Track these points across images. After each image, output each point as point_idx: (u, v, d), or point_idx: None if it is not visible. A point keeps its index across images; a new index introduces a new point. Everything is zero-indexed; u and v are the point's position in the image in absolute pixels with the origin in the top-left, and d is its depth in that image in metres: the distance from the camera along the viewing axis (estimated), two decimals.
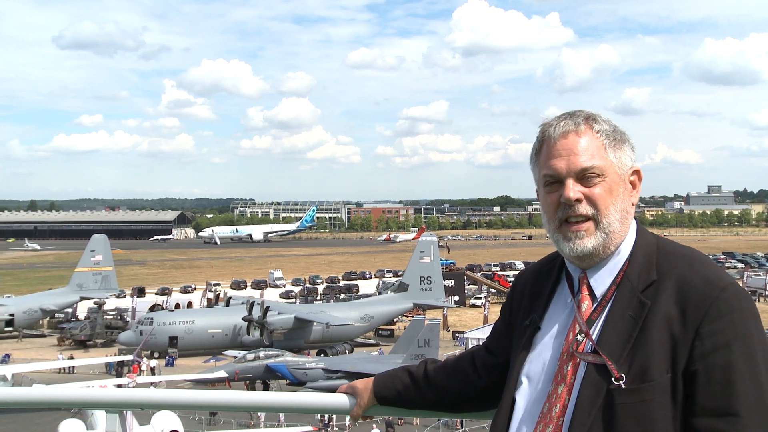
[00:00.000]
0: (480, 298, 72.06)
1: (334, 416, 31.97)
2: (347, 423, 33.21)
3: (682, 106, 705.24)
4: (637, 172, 2.19)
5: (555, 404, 2.04)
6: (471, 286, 79.19)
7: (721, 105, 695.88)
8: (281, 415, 31.88)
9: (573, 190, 2.08)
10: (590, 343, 2.03)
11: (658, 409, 1.91)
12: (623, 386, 1.92)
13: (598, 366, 1.98)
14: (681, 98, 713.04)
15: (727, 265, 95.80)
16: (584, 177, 2.09)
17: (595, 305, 2.10)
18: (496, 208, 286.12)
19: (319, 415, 31.82)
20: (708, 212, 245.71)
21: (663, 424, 1.91)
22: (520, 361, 2.21)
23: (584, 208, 2.09)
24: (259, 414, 32.64)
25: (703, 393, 1.89)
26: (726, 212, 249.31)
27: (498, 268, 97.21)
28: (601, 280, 2.12)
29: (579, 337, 2.07)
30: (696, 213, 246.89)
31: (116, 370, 45.69)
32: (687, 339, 1.92)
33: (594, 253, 2.10)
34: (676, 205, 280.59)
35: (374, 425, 30.77)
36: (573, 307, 2.14)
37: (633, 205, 2.17)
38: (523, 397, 2.16)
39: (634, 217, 2.19)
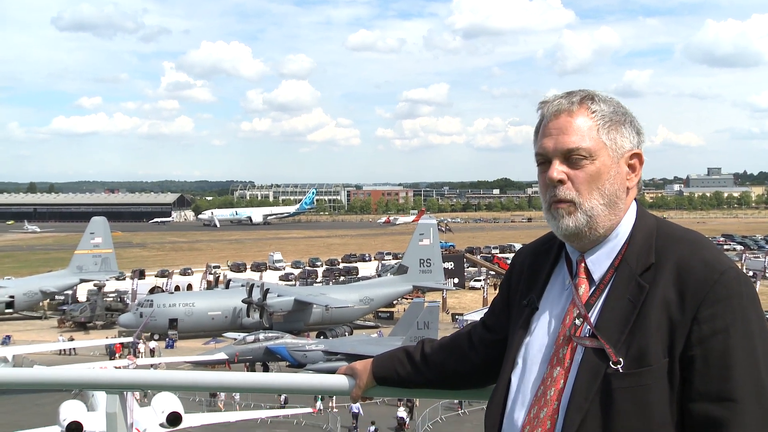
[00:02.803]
0: (479, 280, 72.15)
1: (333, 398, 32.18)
2: (318, 405, 33.38)
3: (684, 89, 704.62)
4: (637, 156, 2.11)
5: (550, 387, 2.02)
6: (470, 269, 79.28)
7: (722, 87, 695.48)
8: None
9: (557, 170, 2.04)
10: (588, 327, 2.00)
11: (655, 394, 1.89)
12: (621, 370, 1.90)
13: (596, 350, 1.95)
14: (682, 80, 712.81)
15: (726, 247, 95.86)
16: (570, 158, 2.05)
17: (593, 289, 2.07)
18: (496, 191, 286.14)
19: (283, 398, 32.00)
20: (708, 195, 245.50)
21: (660, 409, 1.89)
22: (517, 341, 2.19)
23: (565, 192, 2.05)
24: (281, 396, 32.89)
25: (700, 378, 1.87)
26: (726, 194, 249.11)
27: (497, 251, 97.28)
28: (599, 263, 2.08)
29: (577, 321, 2.04)
30: (696, 195, 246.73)
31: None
32: (685, 323, 1.89)
33: (579, 233, 2.06)
34: (676, 187, 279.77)
35: (351, 404, 30.99)
36: (571, 290, 2.11)
37: (629, 189, 2.10)
38: (518, 378, 2.15)
39: (635, 199, 2.14)
